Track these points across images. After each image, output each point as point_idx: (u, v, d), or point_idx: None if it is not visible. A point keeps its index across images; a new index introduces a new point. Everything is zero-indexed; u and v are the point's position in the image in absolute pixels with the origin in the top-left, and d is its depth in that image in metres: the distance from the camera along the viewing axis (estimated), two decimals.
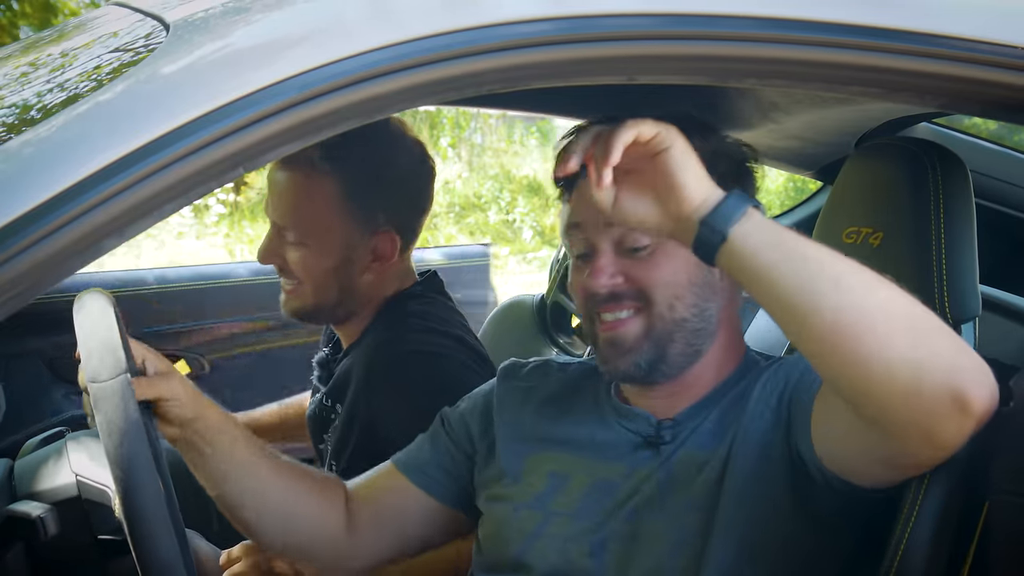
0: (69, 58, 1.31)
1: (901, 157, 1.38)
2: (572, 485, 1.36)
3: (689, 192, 1.08)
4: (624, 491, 1.32)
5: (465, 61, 0.99)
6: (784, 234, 1.08)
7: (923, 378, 1.02)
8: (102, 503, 1.38)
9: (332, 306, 1.78)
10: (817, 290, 1.05)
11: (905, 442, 1.08)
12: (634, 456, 1.34)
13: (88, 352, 1.21)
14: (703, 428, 1.32)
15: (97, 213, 0.89)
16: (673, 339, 1.29)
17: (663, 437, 1.33)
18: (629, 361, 1.30)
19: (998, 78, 1.12)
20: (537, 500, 1.37)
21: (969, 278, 1.32)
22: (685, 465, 1.30)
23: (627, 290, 1.29)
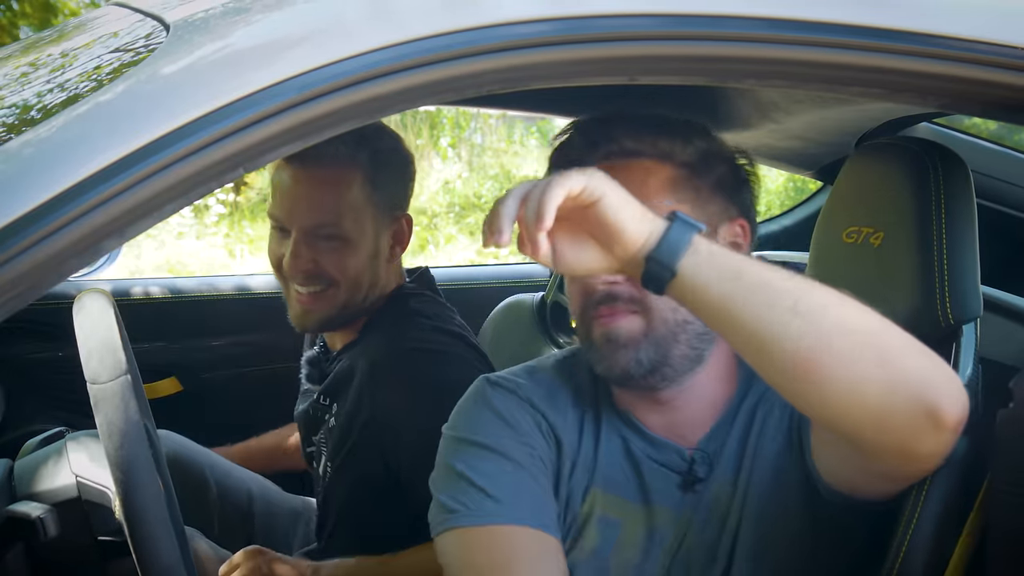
0: (69, 58, 1.31)
1: (902, 157, 1.37)
2: (625, 537, 1.29)
3: (630, 235, 1.04)
4: (672, 539, 1.28)
5: (465, 61, 0.99)
6: (735, 261, 1.05)
7: (893, 398, 1.00)
8: (102, 504, 1.38)
9: (358, 304, 1.75)
10: (775, 318, 1.01)
11: (884, 460, 1.08)
12: (676, 499, 1.28)
13: (88, 353, 1.21)
14: (726, 454, 1.28)
15: (97, 213, 0.89)
16: (677, 340, 1.25)
17: (697, 474, 1.28)
18: (629, 358, 1.24)
19: (998, 78, 1.12)
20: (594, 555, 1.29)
21: (970, 278, 1.32)
22: (716, 500, 1.28)
23: (623, 292, 1.24)
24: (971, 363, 1.32)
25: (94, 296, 1.31)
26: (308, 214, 1.71)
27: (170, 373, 2.46)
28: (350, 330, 1.81)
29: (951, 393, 1.01)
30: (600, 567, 1.28)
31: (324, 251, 1.71)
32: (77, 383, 1.31)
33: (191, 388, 2.47)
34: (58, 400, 2.37)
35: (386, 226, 1.76)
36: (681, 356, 1.26)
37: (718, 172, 1.31)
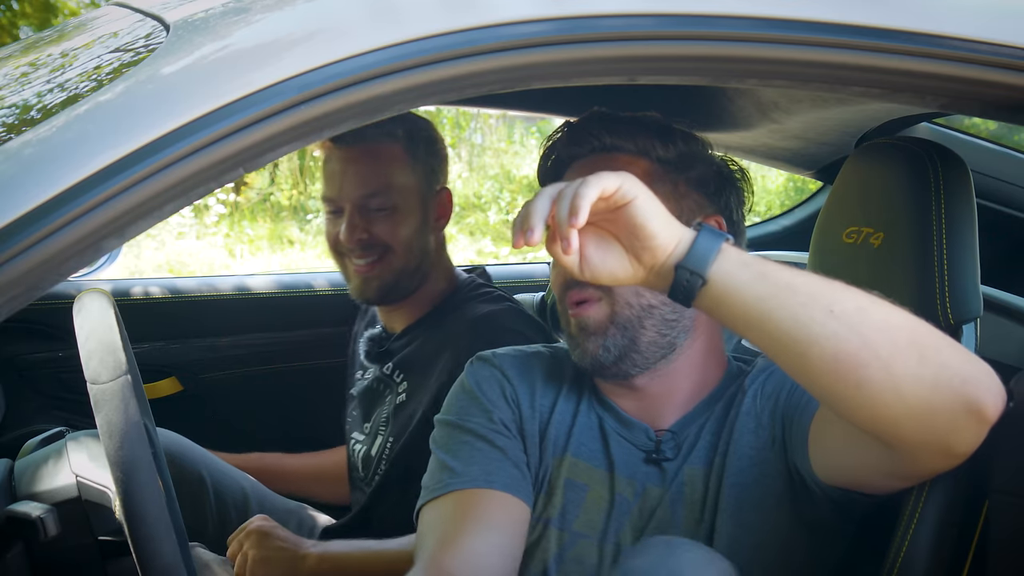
0: (69, 58, 1.31)
1: (902, 157, 1.37)
2: (589, 500, 1.33)
3: (661, 240, 1.04)
4: (637, 513, 1.31)
5: (465, 61, 0.99)
6: (766, 266, 1.05)
7: (935, 395, 1.00)
8: (102, 504, 1.38)
9: (413, 270, 1.86)
10: (812, 320, 1.01)
11: (922, 456, 1.07)
12: (639, 470, 1.33)
13: (88, 353, 1.21)
14: (700, 443, 1.31)
15: (97, 213, 0.89)
16: (644, 326, 1.29)
17: (664, 452, 1.32)
18: (598, 344, 1.29)
19: (998, 78, 1.12)
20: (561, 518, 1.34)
21: (970, 278, 1.32)
22: (690, 483, 1.30)
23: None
24: None
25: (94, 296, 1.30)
26: (357, 187, 1.83)
27: (170, 373, 2.46)
28: (412, 308, 1.89)
29: (990, 386, 1.02)
30: (564, 528, 1.33)
31: (376, 220, 1.83)
32: (77, 383, 1.30)
33: (191, 388, 2.47)
34: (58, 400, 2.37)
35: (430, 197, 1.87)
36: (649, 342, 1.30)
37: (698, 171, 1.35)
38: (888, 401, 1.01)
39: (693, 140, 1.38)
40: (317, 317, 2.55)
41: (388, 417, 1.87)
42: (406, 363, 1.87)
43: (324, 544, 1.71)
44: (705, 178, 1.36)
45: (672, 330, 1.31)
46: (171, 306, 2.48)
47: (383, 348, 1.94)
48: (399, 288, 1.87)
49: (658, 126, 1.37)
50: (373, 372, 1.94)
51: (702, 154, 1.38)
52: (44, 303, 2.26)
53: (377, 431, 1.88)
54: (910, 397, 1.01)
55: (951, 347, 1.03)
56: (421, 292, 1.89)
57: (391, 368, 1.89)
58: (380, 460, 1.86)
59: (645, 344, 1.30)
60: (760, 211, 6.90)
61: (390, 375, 1.89)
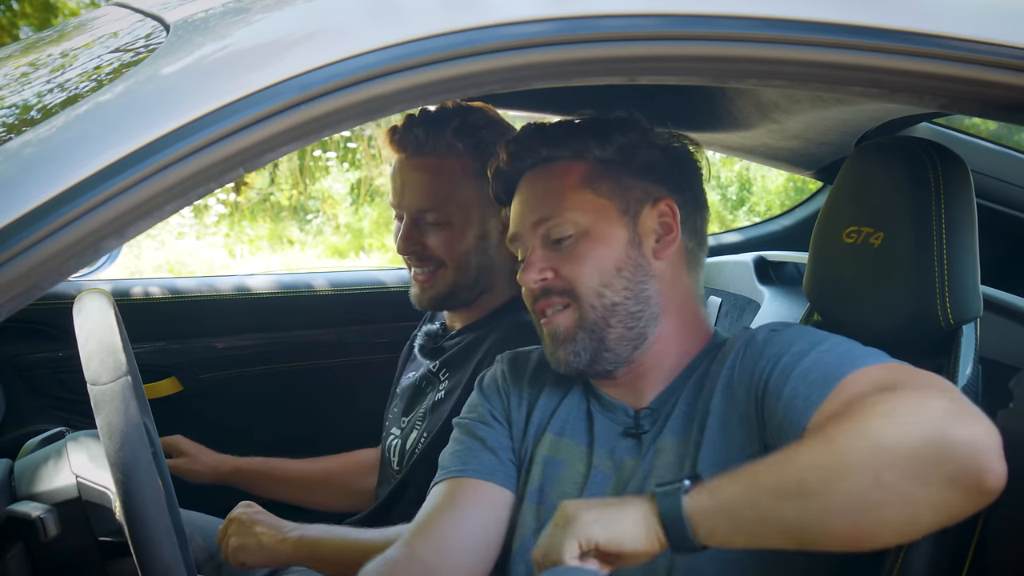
0: (69, 58, 1.31)
1: (901, 156, 1.37)
2: (565, 474, 1.38)
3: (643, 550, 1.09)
4: (614, 486, 1.34)
5: (465, 61, 0.99)
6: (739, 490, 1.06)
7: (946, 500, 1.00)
8: (102, 504, 1.38)
9: (470, 285, 1.85)
10: (808, 509, 1.02)
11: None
12: (618, 445, 1.36)
13: (88, 354, 1.21)
14: (676, 413, 1.33)
15: (97, 213, 0.89)
16: (610, 325, 1.33)
17: (642, 426, 1.35)
18: (568, 351, 1.33)
19: (998, 78, 1.12)
20: (539, 492, 1.38)
21: (970, 278, 1.32)
22: (665, 454, 1.31)
23: (556, 285, 1.34)
24: (971, 363, 1.32)
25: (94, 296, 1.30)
26: (413, 199, 1.83)
27: (170, 373, 2.45)
28: (472, 312, 1.90)
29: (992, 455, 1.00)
30: (542, 501, 1.37)
31: (430, 234, 1.82)
32: (77, 383, 1.30)
33: (191, 388, 2.47)
34: (58, 400, 2.37)
35: (494, 212, 1.83)
36: (618, 338, 1.33)
37: (640, 159, 1.37)
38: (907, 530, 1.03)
39: (632, 128, 1.38)
40: (317, 317, 2.55)
41: (425, 412, 1.88)
42: (451, 361, 1.88)
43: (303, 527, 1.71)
44: (649, 163, 1.37)
45: (639, 322, 1.34)
46: (171, 306, 2.48)
47: (436, 344, 1.95)
48: (455, 299, 1.87)
49: (593, 125, 1.39)
50: (422, 369, 1.95)
51: (644, 140, 1.39)
52: (44, 303, 2.26)
53: (414, 426, 1.90)
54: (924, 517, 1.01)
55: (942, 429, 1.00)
56: (482, 301, 1.89)
57: (437, 366, 1.91)
58: (412, 454, 1.87)
59: (614, 341, 1.33)
60: (760, 211, 6.90)
61: (436, 372, 1.91)
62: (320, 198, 7.01)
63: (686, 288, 1.39)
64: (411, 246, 1.83)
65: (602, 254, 1.33)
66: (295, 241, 6.58)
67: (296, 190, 7.06)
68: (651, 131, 1.40)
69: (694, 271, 1.41)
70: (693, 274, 1.40)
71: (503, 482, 1.41)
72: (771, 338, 1.28)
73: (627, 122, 1.39)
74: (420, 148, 1.81)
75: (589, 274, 1.32)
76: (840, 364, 1.17)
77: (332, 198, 6.98)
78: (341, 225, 6.79)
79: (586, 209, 1.33)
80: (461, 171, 1.81)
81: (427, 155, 1.81)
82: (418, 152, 1.81)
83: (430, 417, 1.86)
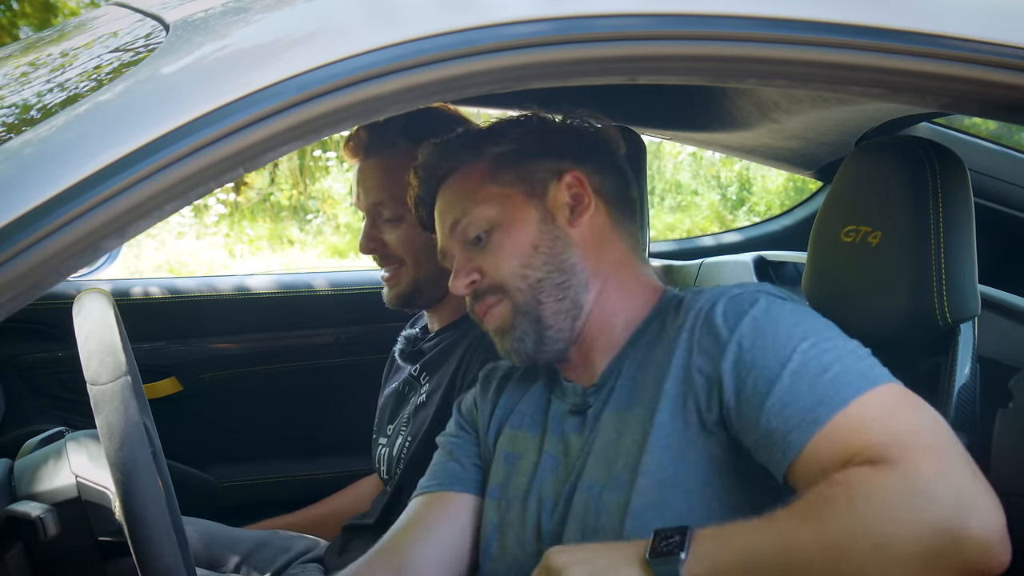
0: (69, 58, 1.31)
1: (900, 156, 1.37)
2: (521, 465, 1.40)
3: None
4: (563, 466, 1.35)
5: (465, 61, 0.99)
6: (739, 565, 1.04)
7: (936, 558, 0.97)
8: (102, 504, 1.38)
9: (433, 279, 1.85)
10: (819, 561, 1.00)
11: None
12: (564, 424, 1.37)
13: (88, 354, 1.21)
14: (620, 383, 1.32)
15: (97, 213, 0.89)
16: (540, 302, 1.34)
17: (588, 402, 1.36)
18: (513, 339, 1.35)
19: (998, 78, 1.12)
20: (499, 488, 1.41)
21: (968, 277, 1.32)
22: (606, 428, 1.31)
23: (484, 284, 1.36)
24: (969, 362, 1.32)
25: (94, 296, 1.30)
26: (367, 198, 1.86)
27: (170, 373, 2.46)
28: (449, 311, 1.90)
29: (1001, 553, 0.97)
30: (503, 496, 1.40)
31: (387, 232, 1.85)
32: (77, 383, 1.30)
33: (191, 388, 2.47)
34: (58, 400, 2.37)
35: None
36: (553, 313, 1.34)
37: (537, 141, 1.40)
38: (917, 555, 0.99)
39: (525, 122, 1.43)
40: (317, 317, 2.55)
41: (409, 417, 1.88)
42: (431, 364, 1.89)
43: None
44: (547, 143, 1.40)
45: (568, 291, 1.34)
46: (171, 306, 2.48)
47: (415, 348, 1.96)
48: (422, 295, 1.88)
49: (487, 129, 1.46)
50: (404, 375, 1.96)
51: (538, 124, 1.43)
52: (44, 303, 2.26)
53: (398, 431, 1.90)
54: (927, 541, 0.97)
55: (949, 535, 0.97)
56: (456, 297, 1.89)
57: (418, 369, 1.92)
58: (399, 460, 1.87)
59: (550, 317, 1.34)
60: (760, 211, 6.90)
61: (417, 376, 1.92)
62: (320, 198, 7.01)
63: (618, 250, 1.39)
64: (370, 244, 1.87)
65: (517, 239, 1.35)
66: (295, 241, 6.58)
67: (296, 190, 7.06)
68: (546, 118, 1.44)
69: (624, 230, 1.41)
70: (623, 233, 1.41)
71: (464, 488, 1.45)
72: (734, 319, 1.22)
73: (521, 115, 1.44)
74: (367, 150, 1.85)
75: (509, 262, 1.34)
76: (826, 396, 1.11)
77: (332, 198, 6.99)
78: (341, 225, 6.79)
79: (493, 202, 1.36)
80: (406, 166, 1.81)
81: (375, 155, 1.85)
82: (367, 154, 1.86)
83: (413, 421, 1.86)
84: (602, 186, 1.40)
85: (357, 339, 2.55)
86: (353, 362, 2.55)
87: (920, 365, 1.38)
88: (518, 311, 1.35)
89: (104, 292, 1.32)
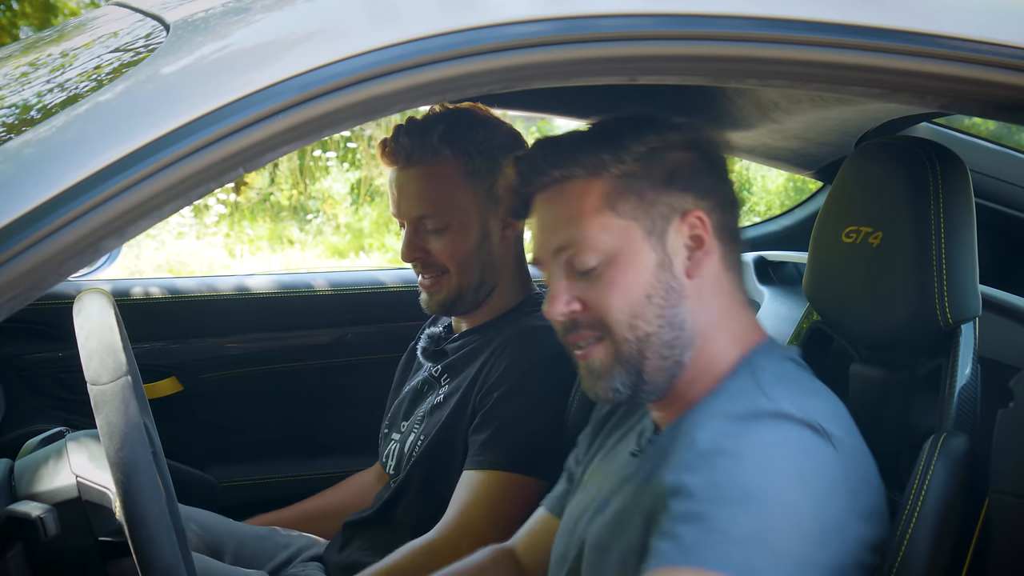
0: (69, 58, 1.31)
1: (900, 156, 1.37)
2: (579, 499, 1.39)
3: None
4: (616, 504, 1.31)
5: (465, 61, 0.99)
6: None
7: None
8: (102, 504, 1.38)
9: (475, 286, 1.87)
10: None
11: None
12: (627, 466, 1.33)
13: (88, 354, 1.21)
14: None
15: (97, 213, 0.89)
16: (645, 356, 1.24)
17: (643, 448, 1.32)
18: (607, 387, 1.25)
19: (998, 78, 1.12)
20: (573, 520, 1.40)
21: (969, 278, 1.32)
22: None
23: (584, 318, 1.25)
24: (970, 363, 1.32)
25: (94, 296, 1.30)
26: (411, 208, 1.84)
27: (170, 373, 2.46)
28: (477, 316, 1.91)
29: None
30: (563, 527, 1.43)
31: (432, 240, 1.84)
32: (77, 383, 1.31)
33: (191, 388, 2.47)
34: (58, 400, 2.37)
35: (493, 210, 1.85)
36: (655, 369, 1.24)
37: (667, 166, 1.25)
38: None
39: (649, 132, 1.26)
40: (317, 317, 2.55)
41: (424, 416, 1.89)
42: (453, 367, 1.89)
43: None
44: (677, 170, 1.25)
45: (673, 350, 1.24)
46: (171, 306, 2.48)
47: (439, 347, 1.96)
48: (463, 302, 1.88)
49: (605, 133, 1.27)
50: (424, 373, 1.96)
51: (665, 140, 1.26)
52: (44, 303, 2.26)
53: (412, 428, 1.91)
54: None
55: None
56: (491, 301, 1.90)
57: (440, 370, 1.92)
58: (410, 457, 1.87)
59: (651, 372, 1.24)
60: (760, 211, 6.90)
61: (437, 377, 1.92)
62: (320, 198, 7.01)
63: (725, 295, 1.28)
64: (413, 253, 1.85)
65: (631, 283, 1.22)
66: (295, 241, 6.58)
67: (296, 190, 7.06)
68: (668, 129, 1.27)
69: (734, 271, 1.30)
70: (733, 275, 1.29)
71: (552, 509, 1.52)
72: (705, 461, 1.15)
73: (641, 123, 1.27)
74: (409, 158, 1.82)
75: (619, 306, 1.22)
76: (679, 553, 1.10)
77: (332, 198, 6.98)
78: (341, 225, 6.79)
79: (609, 234, 1.23)
80: (453, 175, 1.82)
81: (417, 164, 1.83)
82: (408, 163, 1.83)
83: (428, 420, 1.87)
84: (721, 225, 1.27)
85: (357, 339, 2.55)
86: (353, 362, 2.55)
87: (921, 365, 1.38)
88: (620, 360, 1.24)
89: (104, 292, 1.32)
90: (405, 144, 1.82)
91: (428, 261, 1.85)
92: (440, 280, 1.86)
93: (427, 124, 1.83)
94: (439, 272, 1.85)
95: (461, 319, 1.95)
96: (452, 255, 1.84)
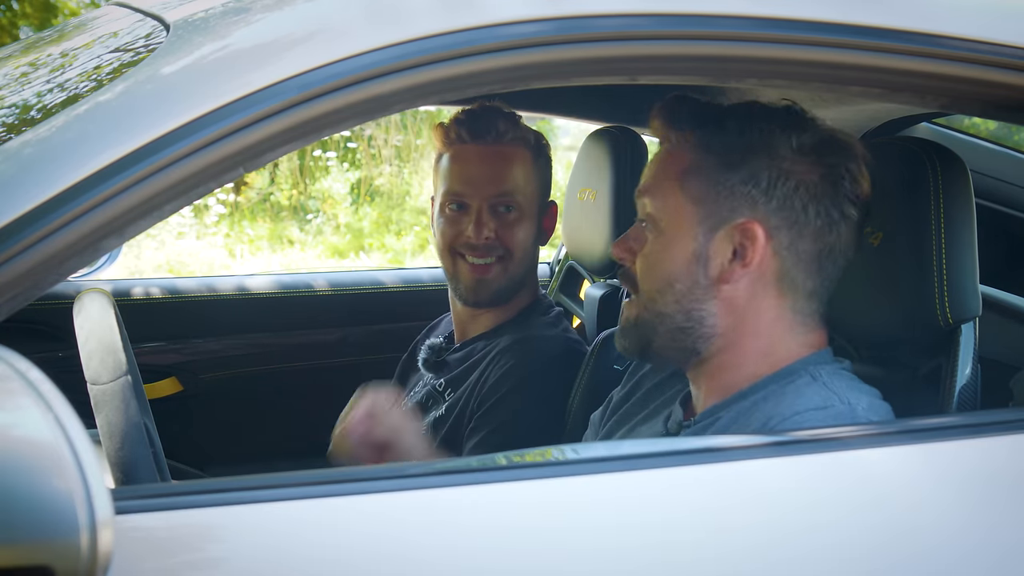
0: (69, 58, 1.31)
1: (901, 156, 1.37)
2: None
3: None
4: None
5: (464, 61, 0.99)
6: None
7: None
8: None
9: (521, 278, 1.88)
10: None
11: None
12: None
13: (88, 354, 1.21)
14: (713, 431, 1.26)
15: (97, 213, 0.89)
16: (657, 332, 1.27)
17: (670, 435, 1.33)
18: (623, 342, 1.32)
19: (998, 78, 1.12)
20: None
21: (969, 278, 1.32)
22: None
23: (629, 272, 1.30)
24: (970, 363, 1.32)
25: (94, 296, 1.30)
26: (490, 185, 1.83)
27: (170, 373, 2.46)
28: (491, 318, 1.90)
29: None
30: None
31: (503, 222, 1.84)
32: (77, 383, 1.31)
33: (191, 388, 2.47)
34: None
35: (543, 208, 1.89)
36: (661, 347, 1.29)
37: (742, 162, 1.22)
38: None
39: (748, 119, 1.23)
40: (317, 317, 2.55)
41: (426, 430, 1.86)
42: (456, 380, 1.88)
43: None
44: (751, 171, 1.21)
45: (687, 338, 1.25)
46: (171, 306, 2.48)
47: (440, 358, 1.95)
48: (507, 292, 1.88)
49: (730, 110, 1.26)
50: (425, 385, 1.94)
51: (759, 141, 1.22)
52: (44, 303, 2.26)
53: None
54: None
55: None
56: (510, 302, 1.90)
57: (443, 384, 1.90)
58: None
59: (658, 347, 1.29)
60: None
61: (441, 391, 1.90)
62: (320, 198, 7.01)
63: (773, 308, 1.25)
64: (485, 233, 1.82)
65: (665, 259, 1.25)
66: (295, 241, 6.58)
67: (296, 190, 7.06)
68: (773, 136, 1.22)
69: (790, 286, 1.24)
70: (788, 289, 1.24)
71: None
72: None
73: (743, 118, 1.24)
74: (499, 137, 1.82)
75: (650, 277, 1.26)
76: None
77: (332, 198, 6.99)
78: (341, 225, 6.79)
79: (670, 204, 1.25)
80: (530, 162, 1.86)
81: (503, 144, 1.83)
82: (496, 140, 1.83)
83: (430, 434, 1.85)
84: (788, 246, 1.23)
85: (357, 339, 2.55)
86: (353, 362, 2.55)
87: (921, 365, 1.38)
88: (639, 322, 1.28)
89: (104, 292, 1.32)
90: (499, 124, 1.82)
91: (494, 243, 1.83)
92: (498, 264, 1.84)
93: (506, 110, 1.86)
94: (500, 255, 1.84)
95: (472, 324, 1.93)
96: (517, 240, 1.84)
